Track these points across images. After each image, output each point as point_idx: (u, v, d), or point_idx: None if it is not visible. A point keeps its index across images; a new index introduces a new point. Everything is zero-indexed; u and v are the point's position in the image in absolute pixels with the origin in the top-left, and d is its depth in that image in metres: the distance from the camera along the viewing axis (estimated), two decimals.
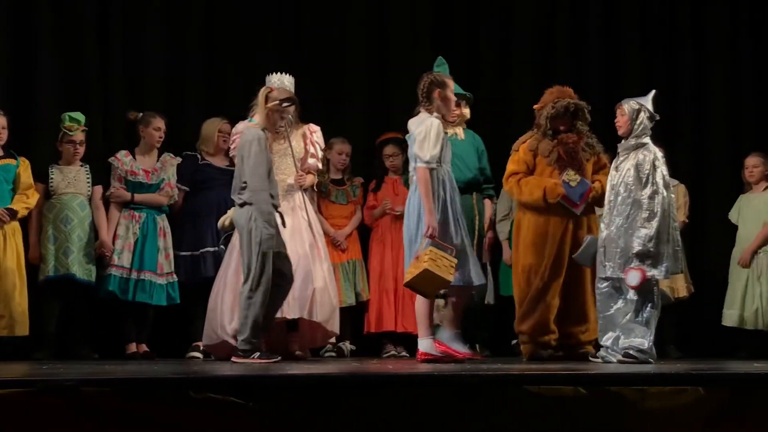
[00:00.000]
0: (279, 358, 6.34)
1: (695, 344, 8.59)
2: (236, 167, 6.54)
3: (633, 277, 6.30)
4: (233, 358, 6.32)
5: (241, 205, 6.37)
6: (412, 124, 6.36)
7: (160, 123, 7.56)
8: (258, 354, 6.21)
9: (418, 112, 6.39)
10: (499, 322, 8.06)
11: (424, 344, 6.24)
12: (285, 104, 6.53)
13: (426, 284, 6.10)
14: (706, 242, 8.81)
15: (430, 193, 6.16)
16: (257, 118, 6.51)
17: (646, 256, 6.30)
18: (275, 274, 6.31)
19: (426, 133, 6.17)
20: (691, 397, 4.70)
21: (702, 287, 8.49)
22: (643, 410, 4.62)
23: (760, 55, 9.32)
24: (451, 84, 6.41)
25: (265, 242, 6.23)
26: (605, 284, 6.48)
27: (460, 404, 4.50)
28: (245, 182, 6.37)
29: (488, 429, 4.50)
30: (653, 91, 6.63)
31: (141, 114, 7.57)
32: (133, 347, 7.43)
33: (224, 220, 6.64)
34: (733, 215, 8.46)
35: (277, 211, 6.43)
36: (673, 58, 9.27)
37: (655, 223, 6.31)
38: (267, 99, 6.47)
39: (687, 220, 8.40)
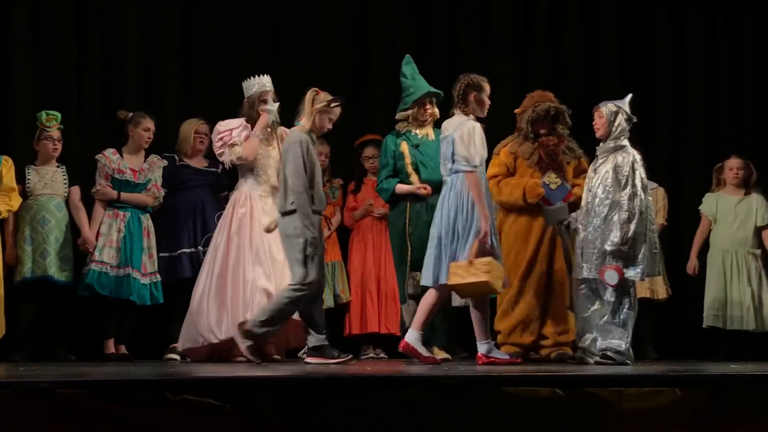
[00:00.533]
0: (350, 357, 6.35)
1: (673, 345, 8.63)
2: (281, 172, 6.42)
3: (611, 277, 6.32)
4: (308, 359, 6.27)
5: (287, 213, 6.26)
6: (449, 125, 6.39)
7: (149, 124, 7.54)
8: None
9: (452, 114, 6.44)
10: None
11: (411, 336, 6.25)
12: (333, 105, 6.36)
13: (472, 290, 6.19)
14: (684, 244, 8.84)
15: (484, 197, 6.22)
16: (303, 120, 6.34)
17: (621, 256, 6.32)
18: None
19: (469, 137, 6.20)
20: (668, 398, 4.72)
21: (680, 289, 8.52)
22: (621, 411, 4.64)
23: (736, 57, 9.38)
24: (488, 87, 6.44)
25: (308, 246, 6.14)
26: (583, 286, 6.50)
27: (438, 405, 4.50)
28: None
29: (467, 430, 4.51)
30: (630, 95, 6.67)
31: (131, 114, 7.54)
32: (111, 344, 7.38)
33: (271, 224, 6.52)
34: (709, 211, 8.40)
35: (323, 216, 6.41)
36: (651, 61, 9.32)
37: (632, 225, 6.33)
38: (314, 101, 6.31)
39: (666, 223, 8.44)
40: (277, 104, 6.90)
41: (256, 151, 6.89)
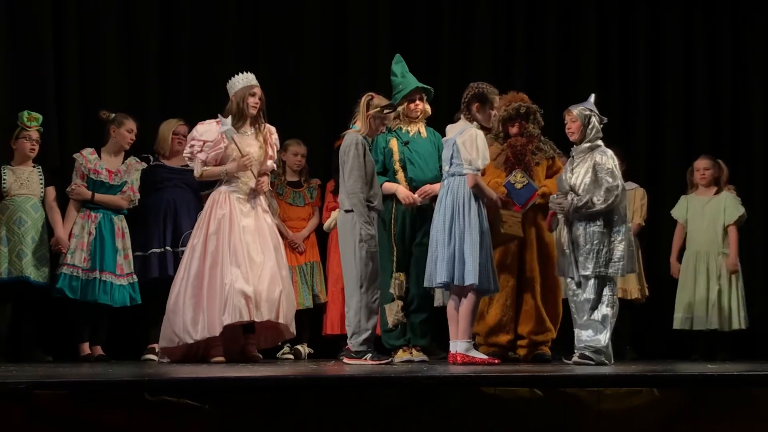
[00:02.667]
0: (390, 359, 6.46)
1: (651, 346, 8.66)
2: (339, 173, 6.58)
3: (556, 222, 6.45)
4: (345, 360, 6.37)
5: (347, 211, 6.42)
6: (451, 129, 6.52)
7: (132, 125, 7.51)
8: (370, 355, 6.30)
9: (458, 118, 6.53)
10: None
11: (461, 347, 6.30)
12: (386, 111, 6.61)
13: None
14: (661, 245, 8.87)
15: (486, 188, 6.43)
16: (358, 124, 6.57)
17: (562, 210, 6.43)
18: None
19: (472, 142, 6.32)
20: (647, 398, 4.74)
21: (657, 290, 8.55)
22: (599, 411, 4.66)
23: (714, 58, 9.43)
24: (496, 100, 6.54)
25: (366, 242, 6.31)
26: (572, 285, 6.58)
27: (417, 406, 4.51)
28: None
29: (445, 430, 4.51)
30: (593, 95, 6.70)
31: (114, 114, 7.50)
32: (86, 348, 7.34)
33: (330, 223, 6.74)
34: (680, 214, 8.43)
35: (378, 214, 6.53)
36: (630, 62, 9.36)
37: (600, 207, 6.38)
38: (368, 106, 6.53)
39: (643, 223, 8.46)
40: (229, 118, 6.89)
41: (215, 177, 6.92)
